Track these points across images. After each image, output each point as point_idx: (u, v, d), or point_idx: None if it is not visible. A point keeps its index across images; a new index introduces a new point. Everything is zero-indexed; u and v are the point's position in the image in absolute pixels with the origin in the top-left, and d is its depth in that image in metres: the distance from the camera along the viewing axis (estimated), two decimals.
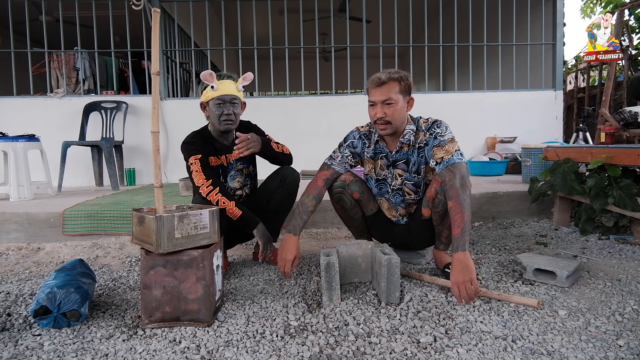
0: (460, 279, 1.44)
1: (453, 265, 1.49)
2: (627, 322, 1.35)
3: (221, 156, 1.95)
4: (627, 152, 2.22)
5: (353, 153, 1.87)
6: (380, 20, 4.47)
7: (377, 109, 1.69)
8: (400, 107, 1.69)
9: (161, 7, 4.36)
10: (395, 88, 1.67)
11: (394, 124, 1.71)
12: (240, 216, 1.78)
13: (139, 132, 4.22)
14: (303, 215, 1.76)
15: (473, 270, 1.45)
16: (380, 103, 1.69)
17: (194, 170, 1.81)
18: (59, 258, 2.31)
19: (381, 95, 1.68)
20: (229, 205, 1.76)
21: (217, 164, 1.94)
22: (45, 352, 1.23)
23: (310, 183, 1.84)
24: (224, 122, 1.85)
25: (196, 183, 1.79)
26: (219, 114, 1.84)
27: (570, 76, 7.26)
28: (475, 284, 1.44)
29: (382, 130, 1.74)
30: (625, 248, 2.17)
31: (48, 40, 4.15)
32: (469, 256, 1.48)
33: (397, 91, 1.68)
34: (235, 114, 1.86)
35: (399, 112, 1.69)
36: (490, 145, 4.46)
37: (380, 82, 1.67)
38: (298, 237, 1.72)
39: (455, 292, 1.46)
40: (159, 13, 1.40)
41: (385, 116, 1.69)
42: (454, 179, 1.59)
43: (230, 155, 1.97)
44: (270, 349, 1.23)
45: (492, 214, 2.89)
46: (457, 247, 1.50)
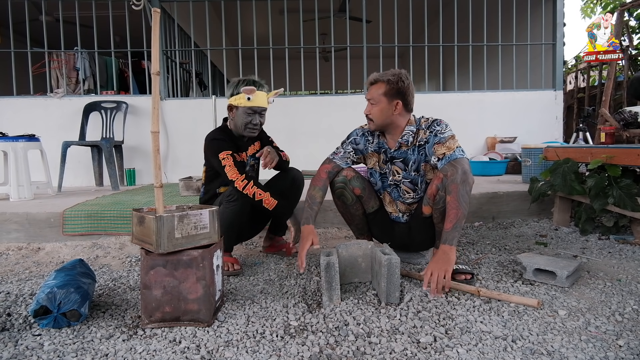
0: (436, 266, 1.54)
1: (436, 253, 1.58)
2: (627, 322, 1.35)
3: (242, 153, 2.07)
4: (627, 152, 2.22)
5: (355, 149, 1.93)
6: (380, 20, 4.47)
7: (367, 105, 1.83)
8: (383, 108, 1.78)
9: (161, 7, 4.36)
10: (380, 89, 1.77)
11: (375, 122, 1.82)
12: (276, 205, 1.88)
13: (139, 132, 4.23)
14: (313, 206, 1.82)
15: (452, 263, 1.55)
16: (368, 101, 1.82)
17: (227, 165, 1.87)
18: (59, 258, 2.31)
19: (368, 94, 1.82)
20: (265, 197, 1.86)
21: (240, 160, 2.04)
22: (45, 352, 1.23)
23: (314, 177, 1.89)
24: (249, 129, 1.96)
25: (230, 177, 1.86)
26: (247, 122, 1.94)
27: (570, 76, 7.26)
28: (449, 277, 1.52)
29: (369, 125, 1.87)
30: (625, 248, 2.17)
31: (48, 40, 4.15)
32: (454, 251, 1.57)
33: (381, 92, 1.77)
34: (260, 124, 1.99)
35: (380, 112, 1.79)
36: (490, 145, 4.46)
37: (370, 81, 1.80)
38: (313, 226, 1.78)
39: (426, 277, 1.54)
40: (159, 13, 1.40)
41: (369, 113, 1.81)
42: (455, 174, 1.62)
43: (245, 153, 2.10)
44: (270, 349, 1.23)
45: (492, 214, 2.89)
46: (445, 240, 1.59)
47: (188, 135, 4.27)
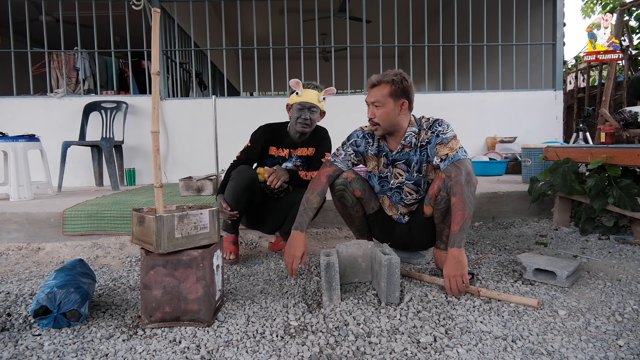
0: (452, 273, 1.55)
1: (447, 259, 1.57)
2: (627, 322, 1.35)
3: (285, 149, 2.21)
4: (627, 152, 2.22)
5: (356, 151, 1.90)
6: (380, 20, 4.47)
7: (369, 109, 1.76)
8: (389, 109, 1.73)
9: (161, 7, 4.36)
10: (385, 90, 1.72)
11: (382, 125, 1.76)
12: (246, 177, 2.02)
13: (139, 132, 4.22)
14: (309, 212, 1.77)
15: (465, 266, 1.55)
16: (370, 104, 1.76)
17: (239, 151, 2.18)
18: (59, 258, 2.31)
19: (371, 97, 1.75)
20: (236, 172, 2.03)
21: (279, 154, 2.21)
22: (45, 352, 1.23)
23: (314, 180, 1.86)
24: (300, 124, 2.11)
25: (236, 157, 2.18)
26: (298, 116, 2.10)
27: (570, 76, 7.26)
28: (466, 279, 1.55)
29: (373, 129, 1.81)
30: (625, 248, 2.17)
31: (48, 40, 4.15)
32: (463, 253, 1.57)
33: (386, 94, 1.72)
34: (311, 120, 2.11)
35: (387, 115, 1.74)
36: (490, 145, 4.46)
37: (371, 83, 1.74)
38: (305, 234, 1.73)
39: (447, 285, 1.56)
40: (159, 13, 1.40)
41: (374, 117, 1.75)
42: (459, 175, 1.62)
43: (293, 150, 2.22)
44: (270, 349, 1.23)
45: (492, 214, 2.89)
46: (454, 243, 1.58)
47: (188, 135, 4.27)
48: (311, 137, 2.25)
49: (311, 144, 2.24)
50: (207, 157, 4.12)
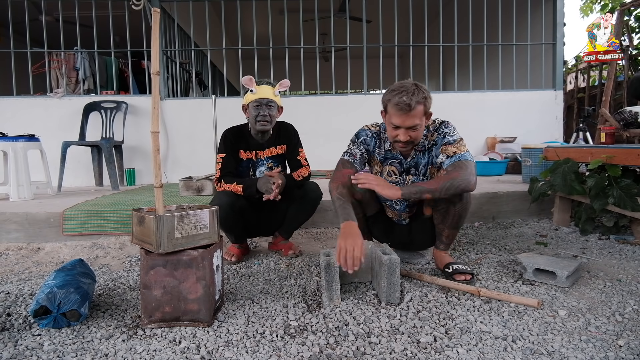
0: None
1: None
2: (627, 322, 1.35)
3: (252, 151, 2.15)
4: (627, 152, 2.22)
5: (367, 150, 1.86)
6: (380, 20, 4.47)
7: (401, 132, 1.65)
8: (423, 127, 1.70)
9: (161, 7, 4.36)
10: (421, 112, 1.63)
11: (415, 142, 1.73)
12: (243, 188, 1.99)
13: (138, 132, 4.22)
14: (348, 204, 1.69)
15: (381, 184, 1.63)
16: (409, 129, 1.64)
17: (217, 168, 2.09)
18: (59, 258, 2.31)
19: (407, 121, 1.62)
20: (233, 188, 1.99)
21: (248, 157, 2.15)
22: (45, 352, 1.23)
23: (336, 176, 1.77)
24: (259, 122, 2.03)
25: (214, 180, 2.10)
26: (256, 114, 2.03)
27: (570, 76, 7.26)
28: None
29: (402, 149, 1.75)
30: (625, 248, 2.17)
31: (48, 40, 4.15)
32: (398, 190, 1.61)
33: (422, 114, 1.64)
34: (270, 116, 2.04)
35: (421, 133, 1.71)
36: (490, 145, 4.46)
37: (408, 108, 1.59)
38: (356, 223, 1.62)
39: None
40: (159, 13, 1.40)
41: (409, 139, 1.67)
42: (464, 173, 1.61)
43: (261, 152, 2.16)
44: (270, 349, 1.23)
45: (492, 214, 2.89)
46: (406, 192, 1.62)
47: (188, 135, 4.27)
48: (276, 134, 2.18)
49: (279, 141, 2.18)
50: (207, 157, 4.12)
